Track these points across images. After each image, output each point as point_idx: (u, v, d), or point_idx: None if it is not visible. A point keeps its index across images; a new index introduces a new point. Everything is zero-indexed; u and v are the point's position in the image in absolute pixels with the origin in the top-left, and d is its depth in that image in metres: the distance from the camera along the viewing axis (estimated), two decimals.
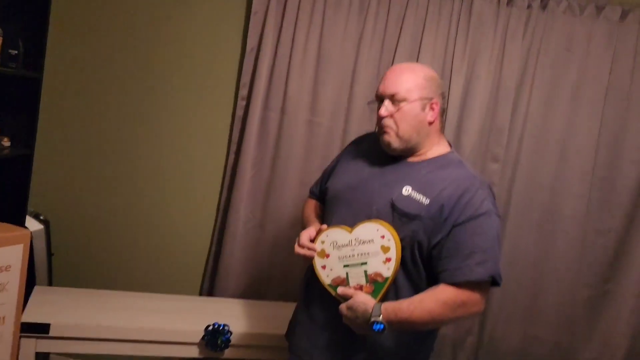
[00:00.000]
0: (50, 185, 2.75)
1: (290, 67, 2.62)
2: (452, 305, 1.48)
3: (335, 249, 1.60)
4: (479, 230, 1.52)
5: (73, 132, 2.75)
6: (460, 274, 1.49)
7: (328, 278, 1.61)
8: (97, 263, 2.79)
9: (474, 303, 1.50)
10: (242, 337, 2.12)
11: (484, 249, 1.50)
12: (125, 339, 2.02)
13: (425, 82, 1.62)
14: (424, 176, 1.60)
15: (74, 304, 2.17)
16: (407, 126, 1.60)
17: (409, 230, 1.54)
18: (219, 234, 2.73)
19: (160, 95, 2.74)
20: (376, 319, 1.46)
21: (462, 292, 1.49)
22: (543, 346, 2.61)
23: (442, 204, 1.53)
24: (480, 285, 1.51)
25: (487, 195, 1.57)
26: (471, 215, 1.52)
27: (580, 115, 2.54)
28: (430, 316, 1.48)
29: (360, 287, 1.56)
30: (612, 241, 2.56)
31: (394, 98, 1.60)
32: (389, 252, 1.53)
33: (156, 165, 2.77)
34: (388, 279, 1.53)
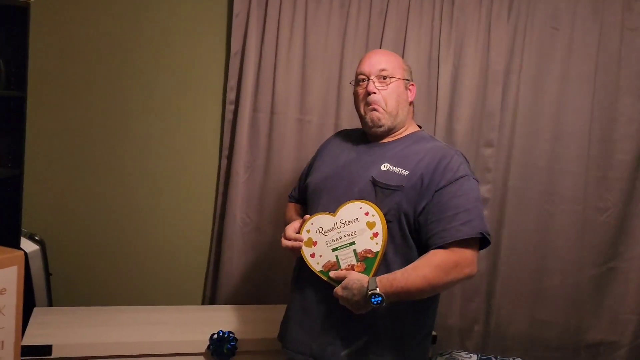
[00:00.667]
0: (43, 205, 2.72)
1: (276, 67, 2.59)
2: (445, 267, 1.49)
3: (322, 234, 1.62)
4: (460, 192, 1.56)
5: (61, 149, 2.72)
6: (448, 235, 1.52)
7: (318, 265, 1.62)
8: (96, 280, 2.75)
9: (467, 263, 1.52)
10: (247, 343, 2.09)
11: (467, 209, 1.54)
12: (130, 355, 1.98)
13: (404, 64, 1.76)
14: (400, 152, 1.66)
15: (75, 323, 2.13)
16: (395, 102, 1.68)
17: (393, 202, 1.57)
18: (217, 241, 2.70)
19: (147, 106, 2.71)
20: (373, 291, 1.46)
21: (453, 252, 1.51)
22: (551, 329, 2.60)
23: (422, 173, 1.58)
24: (469, 245, 1.53)
25: (463, 161, 1.64)
26: (450, 178, 1.57)
27: (571, 93, 2.53)
28: (426, 281, 1.48)
29: (352, 267, 1.56)
30: (613, 218, 2.55)
31: (381, 74, 1.68)
32: (375, 227, 1.55)
33: (149, 176, 2.74)
34: (378, 253, 1.54)
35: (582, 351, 2.58)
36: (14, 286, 1.56)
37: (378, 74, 1.68)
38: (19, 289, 1.58)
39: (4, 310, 1.54)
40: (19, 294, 1.58)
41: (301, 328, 1.72)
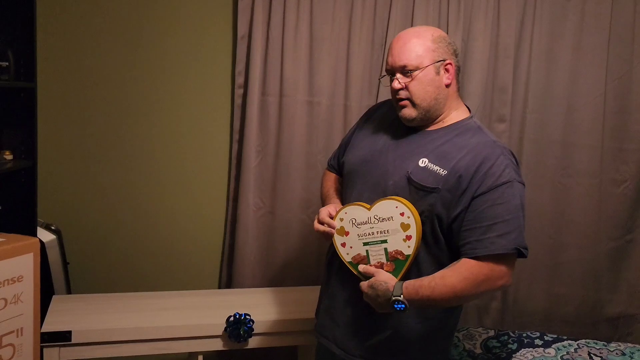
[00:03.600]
0: (58, 194, 2.74)
1: (283, 50, 2.57)
2: (474, 280, 1.42)
3: (354, 226, 1.57)
4: (500, 200, 1.44)
5: (74, 137, 2.73)
6: (481, 247, 1.42)
7: (348, 256, 1.59)
8: (113, 267, 2.78)
9: (499, 277, 1.44)
10: (264, 325, 2.10)
11: (506, 220, 1.43)
12: (148, 339, 2.00)
13: (433, 44, 1.54)
14: (440, 146, 1.53)
15: (93, 310, 2.16)
16: (424, 94, 1.54)
17: (427, 204, 1.49)
18: (232, 225, 2.71)
19: (157, 93, 2.71)
20: (397, 298, 1.43)
21: (485, 265, 1.42)
22: (569, 303, 2.58)
23: (460, 175, 1.47)
24: (504, 258, 1.44)
25: (509, 163, 1.49)
26: (491, 185, 1.45)
27: (584, 64, 2.49)
28: (453, 292, 1.43)
29: (381, 265, 1.53)
30: (630, 190, 2.51)
31: (405, 69, 1.54)
32: (409, 230, 1.49)
33: (161, 163, 2.74)
34: (409, 257, 1.50)
35: (601, 325, 2.56)
36: (30, 273, 1.58)
37: (401, 70, 1.54)
38: (35, 276, 1.59)
39: (21, 297, 1.56)
40: (35, 281, 1.60)
41: (327, 313, 1.73)
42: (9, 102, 2.36)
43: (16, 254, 1.54)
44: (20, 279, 1.55)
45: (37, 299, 1.61)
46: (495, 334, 2.13)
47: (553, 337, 2.09)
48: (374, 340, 1.60)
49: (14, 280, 1.53)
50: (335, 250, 1.61)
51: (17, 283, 1.54)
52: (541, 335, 2.12)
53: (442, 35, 1.58)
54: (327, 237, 1.63)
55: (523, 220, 1.48)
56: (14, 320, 1.55)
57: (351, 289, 1.59)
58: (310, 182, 2.63)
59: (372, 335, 1.60)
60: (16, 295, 1.54)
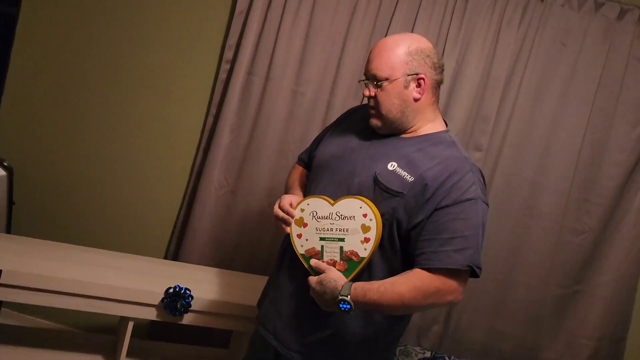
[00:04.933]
0: (18, 132, 2.64)
1: (279, 33, 2.54)
2: (424, 291, 1.40)
3: (314, 219, 1.54)
4: (463, 215, 1.43)
5: (46, 77, 2.64)
6: (436, 259, 1.40)
7: (302, 248, 1.55)
8: (59, 216, 2.69)
9: (449, 291, 1.41)
10: (202, 303, 2.05)
11: (465, 236, 1.42)
12: (80, 294, 1.92)
13: (407, 57, 1.51)
14: (412, 153, 1.51)
15: (30, 254, 2.07)
16: (390, 106, 1.52)
17: (390, 207, 1.46)
18: (190, 198, 2.65)
19: (141, 49, 2.65)
20: (344, 297, 1.40)
21: (437, 278, 1.40)
22: (508, 341, 2.58)
23: (427, 183, 1.44)
24: (457, 274, 1.42)
25: (477, 181, 1.48)
26: (456, 198, 1.43)
27: (568, 112, 2.51)
28: (401, 300, 1.40)
29: (334, 263, 1.50)
30: (587, 242, 2.53)
31: (376, 78, 1.53)
32: (369, 233, 1.46)
33: (130, 120, 2.68)
34: (364, 259, 1.47)
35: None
36: None
37: (373, 78, 1.54)
38: None
39: None
40: None
41: (272, 304, 1.68)
42: None
43: None
44: None
45: None
46: (431, 356, 2.13)
47: None
48: (313, 337, 1.57)
49: None
50: (291, 240, 1.58)
51: None
52: None
53: (420, 48, 1.53)
54: (285, 224, 1.59)
55: (482, 240, 1.46)
56: None
57: (299, 282, 1.55)
58: (279, 170, 2.59)
59: (312, 332, 1.57)
60: None
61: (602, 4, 2.47)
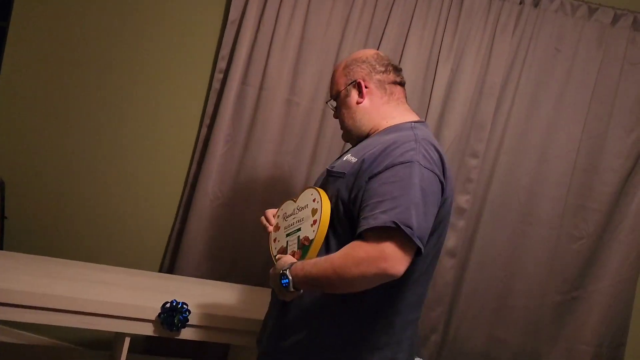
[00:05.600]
0: (10, 145, 2.61)
1: (272, 43, 2.52)
2: (354, 256, 1.32)
3: (284, 220, 1.60)
4: (393, 178, 1.37)
5: (37, 92, 2.61)
6: (365, 223, 1.34)
7: (275, 249, 1.59)
8: (52, 230, 2.65)
9: (379, 257, 1.30)
10: (200, 317, 2.01)
11: (394, 197, 1.34)
12: (75, 311, 1.87)
13: (344, 69, 1.64)
14: (367, 141, 1.55)
15: (23, 270, 2.03)
16: (343, 117, 1.64)
17: (335, 189, 1.48)
18: (184, 210, 2.62)
19: (133, 60, 2.63)
20: (284, 272, 1.40)
21: (366, 243, 1.32)
22: (507, 349, 2.56)
23: (364, 159, 1.44)
24: (392, 237, 1.31)
25: (417, 148, 1.42)
26: (387, 164, 1.39)
27: (564, 118, 2.51)
28: (332, 267, 1.33)
29: (293, 254, 1.50)
30: (585, 248, 2.53)
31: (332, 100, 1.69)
32: (316, 214, 1.47)
33: (123, 132, 2.65)
34: (313, 241, 1.45)
35: None
36: None
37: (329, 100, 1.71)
38: None
39: None
40: None
41: (265, 316, 1.68)
42: None
43: None
44: None
45: None
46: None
47: None
48: (289, 341, 1.52)
49: None
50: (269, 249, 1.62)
51: None
52: None
53: (354, 58, 1.65)
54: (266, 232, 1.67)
55: (420, 201, 1.36)
56: None
57: None
58: (274, 182, 2.56)
59: (288, 336, 1.53)
60: None
61: (596, 9, 2.47)
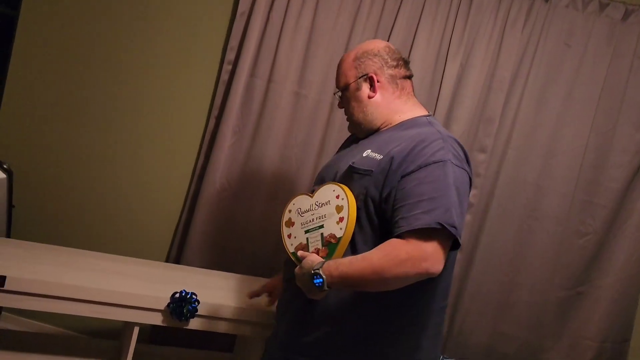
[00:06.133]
0: (18, 134, 2.62)
1: (281, 35, 2.52)
2: (395, 257, 1.33)
3: (299, 215, 1.57)
4: (429, 178, 1.39)
5: (47, 81, 2.61)
6: (405, 223, 1.36)
7: (292, 246, 1.56)
8: (60, 220, 2.66)
9: (422, 257, 1.32)
10: (208, 307, 2.02)
11: (433, 198, 1.37)
12: (87, 300, 1.89)
13: (355, 62, 1.64)
14: (386, 138, 1.56)
15: (32, 259, 2.04)
16: (351, 109, 1.65)
17: (362, 187, 1.48)
18: (192, 201, 2.63)
19: (142, 51, 2.63)
20: (316, 271, 1.39)
21: (408, 243, 1.34)
22: (511, 343, 2.57)
23: (393, 157, 1.45)
24: (431, 237, 1.34)
25: (447, 147, 1.45)
26: (421, 163, 1.41)
27: (572, 113, 2.50)
28: (372, 269, 1.34)
29: (317, 251, 1.49)
30: (591, 244, 2.53)
31: (338, 90, 1.69)
32: (342, 212, 1.46)
33: (131, 122, 2.65)
34: (340, 239, 1.45)
35: None
36: None
37: (339, 90, 1.69)
38: None
39: None
40: None
41: (277, 310, 1.70)
42: None
43: None
44: None
45: None
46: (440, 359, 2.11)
47: None
48: (311, 337, 1.53)
49: None
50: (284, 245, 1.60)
51: None
52: None
53: (366, 50, 1.64)
54: None
55: (456, 200, 1.39)
56: None
57: (294, 285, 1.52)
58: (282, 174, 2.57)
59: (310, 332, 1.54)
60: None
61: (607, 4, 2.46)
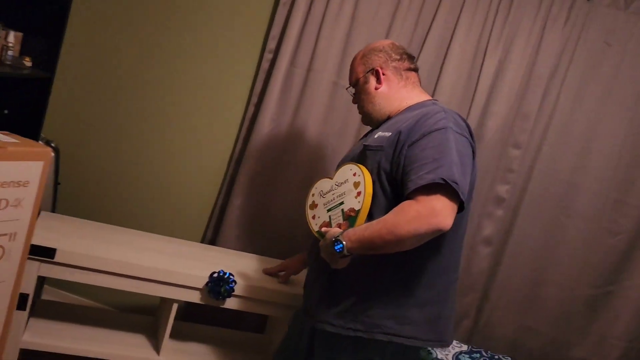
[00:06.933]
0: (65, 114, 2.71)
1: (322, 25, 2.57)
2: (406, 215, 1.44)
3: (321, 197, 1.71)
4: (432, 144, 1.52)
5: (95, 64, 2.70)
6: (411, 184, 1.48)
7: (317, 226, 1.69)
8: (101, 197, 2.76)
9: (431, 214, 1.42)
10: (243, 288, 2.09)
11: (436, 159, 1.49)
12: (128, 275, 1.98)
13: (362, 59, 1.83)
14: (394, 119, 1.72)
15: (79, 234, 2.13)
16: (362, 102, 1.83)
17: (375, 161, 1.61)
18: (229, 185, 2.70)
19: (185, 36, 2.69)
20: (337, 238, 1.50)
21: (417, 202, 1.45)
22: (537, 338, 2.60)
23: (400, 131, 1.59)
24: (437, 194, 1.44)
25: (448, 117, 1.58)
26: (424, 132, 1.55)
27: (609, 112, 2.50)
28: (386, 228, 1.44)
29: (339, 226, 1.61)
30: (622, 243, 2.53)
31: (351, 87, 1.87)
32: (359, 187, 1.59)
33: (174, 106, 2.73)
34: (359, 211, 1.57)
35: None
36: (36, 181, 1.55)
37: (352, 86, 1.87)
38: (40, 185, 1.56)
39: (23, 203, 1.53)
40: (39, 191, 1.57)
41: (305, 286, 1.81)
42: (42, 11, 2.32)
43: (28, 158, 1.51)
44: (26, 184, 1.52)
45: (36, 209, 1.58)
46: (468, 350, 2.16)
47: None
48: (339, 307, 1.64)
49: (19, 183, 1.50)
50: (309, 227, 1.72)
51: (22, 187, 1.51)
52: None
53: (371, 48, 1.84)
54: None
55: (458, 161, 1.50)
56: (10, 224, 1.52)
57: (321, 260, 1.62)
58: (317, 163, 2.62)
59: (337, 303, 1.64)
60: (18, 199, 1.51)
61: None
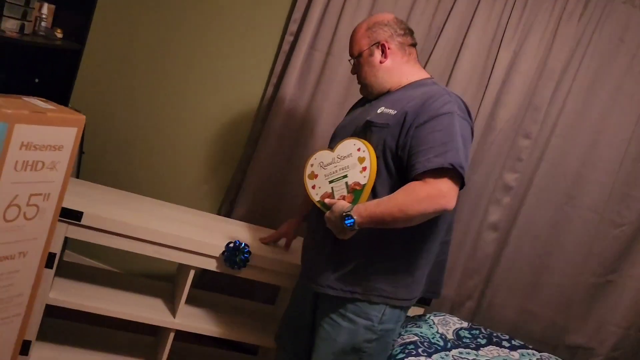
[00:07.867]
0: (92, 85, 2.79)
1: (343, 9, 2.64)
2: (416, 196, 1.56)
3: (322, 168, 1.80)
4: (439, 127, 1.61)
5: (123, 38, 2.78)
6: (420, 166, 1.58)
7: (317, 195, 1.78)
8: (123, 166, 2.85)
9: (439, 195, 1.56)
10: (257, 259, 2.19)
11: (444, 143, 1.59)
12: (150, 240, 2.08)
13: (367, 31, 1.85)
14: (397, 96, 1.78)
15: (102, 199, 2.23)
16: (364, 74, 1.86)
17: (380, 138, 1.69)
18: (245, 164, 2.78)
19: (208, 16, 2.77)
20: (347, 212, 1.60)
21: (426, 183, 1.57)
22: (537, 322, 2.69)
23: (407, 111, 1.67)
24: (444, 176, 1.57)
25: (453, 101, 1.67)
26: (431, 115, 1.63)
27: (619, 107, 2.56)
28: (397, 206, 1.56)
29: (343, 198, 1.70)
30: (625, 234, 2.60)
31: (352, 57, 1.90)
32: (365, 162, 1.68)
33: (196, 83, 2.81)
34: (365, 185, 1.67)
35: (560, 350, 2.68)
36: (70, 146, 1.65)
37: (352, 57, 1.89)
38: (73, 150, 1.66)
39: (57, 166, 1.63)
40: (72, 156, 1.67)
41: (305, 252, 1.93)
42: None
43: (63, 124, 1.61)
44: (60, 148, 1.61)
45: (68, 172, 1.67)
46: (468, 326, 2.25)
47: (520, 344, 2.21)
48: (340, 272, 1.76)
49: (55, 147, 1.60)
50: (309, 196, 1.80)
51: (57, 151, 1.60)
52: (510, 339, 2.24)
53: (377, 21, 1.86)
54: None
55: (462, 146, 1.62)
56: (45, 185, 1.62)
57: (322, 226, 1.73)
58: None
59: (340, 268, 1.76)
60: (54, 162, 1.61)
61: None
